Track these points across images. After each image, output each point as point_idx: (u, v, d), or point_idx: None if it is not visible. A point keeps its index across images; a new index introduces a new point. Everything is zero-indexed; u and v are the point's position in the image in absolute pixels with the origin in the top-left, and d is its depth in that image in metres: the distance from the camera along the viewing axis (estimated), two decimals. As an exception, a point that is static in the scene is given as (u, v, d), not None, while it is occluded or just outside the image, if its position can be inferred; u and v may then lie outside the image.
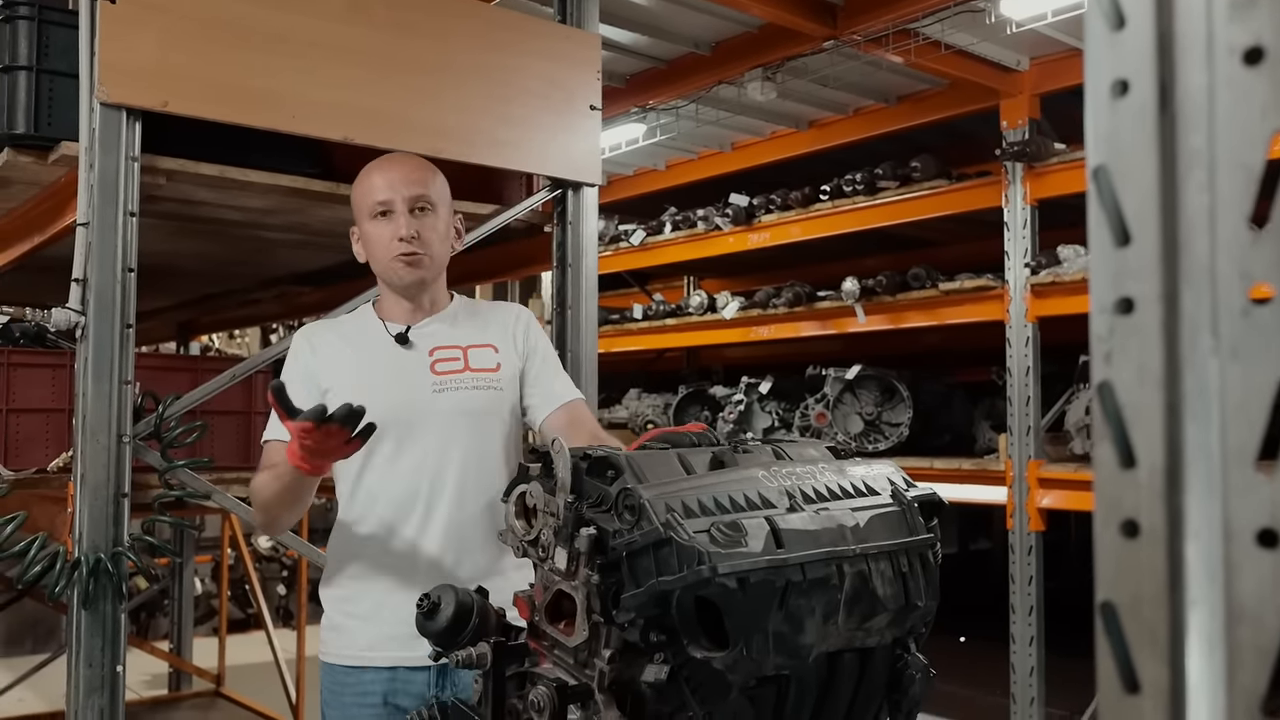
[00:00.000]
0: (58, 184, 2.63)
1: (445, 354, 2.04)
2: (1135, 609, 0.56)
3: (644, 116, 5.16)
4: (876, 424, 5.16)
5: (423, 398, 1.99)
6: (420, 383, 2.00)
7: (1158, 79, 0.58)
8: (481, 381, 2.03)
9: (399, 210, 2.00)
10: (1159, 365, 0.57)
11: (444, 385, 2.01)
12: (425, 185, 2.04)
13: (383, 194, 2.01)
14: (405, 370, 2.01)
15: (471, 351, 2.06)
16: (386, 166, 2.06)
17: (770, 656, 1.24)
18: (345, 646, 1.98)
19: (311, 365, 2.01)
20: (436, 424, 1.98)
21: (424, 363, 2.02)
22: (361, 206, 2.05)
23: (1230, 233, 0.55)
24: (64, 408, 3.10)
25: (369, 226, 2.03)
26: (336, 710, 1.98)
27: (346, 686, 1.96)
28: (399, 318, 2.07)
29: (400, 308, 2.08)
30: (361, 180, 2.07)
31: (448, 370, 2.02)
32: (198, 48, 2.45)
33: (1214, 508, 0.55)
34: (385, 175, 2.03)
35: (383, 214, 2.01)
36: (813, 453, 1.54)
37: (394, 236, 2.00)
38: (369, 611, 1.97)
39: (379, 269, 2.06)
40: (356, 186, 2.08)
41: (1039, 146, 4.42)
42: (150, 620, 7.32)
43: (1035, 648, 4.46)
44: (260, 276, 4.27)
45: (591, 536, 1.30)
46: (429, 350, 2.04)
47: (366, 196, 2.03)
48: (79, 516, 2.34)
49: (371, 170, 2.07)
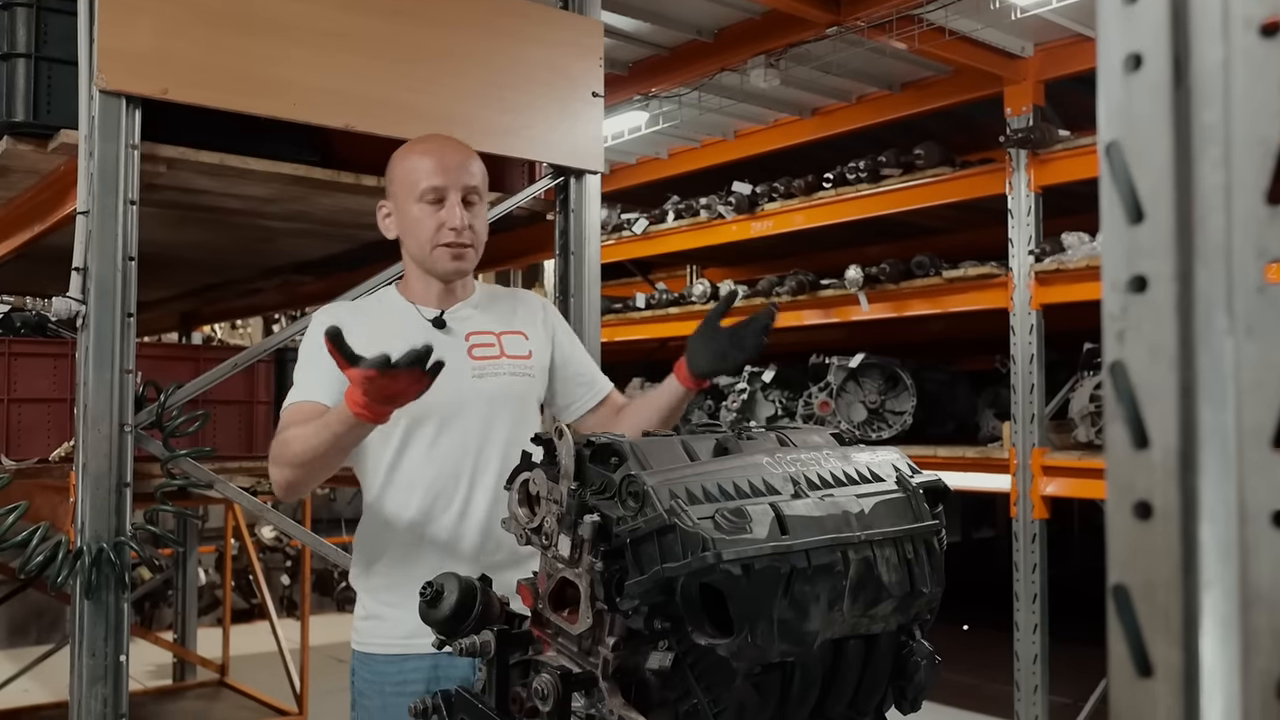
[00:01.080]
0: (57, 172, 2.62)
1: (481, 339, 2.02)
2: (1148, 592, 0.55)
3: (646, 104, 5.14)
4: (880, 412, 5.15)
5: (464, 383, 1.95)
6: (460, 368, 1.94)
7: (1172, 52, 0.56)
8: (518, 368, 2.03)
9: (452, 200, 1.94)
10: (1173, 344, 0.56)
11: (483, 371, 1.99)
12: (476, 175, 2.00)
13: (436, 179, 1.94)
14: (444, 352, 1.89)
15: (505, 338, 2.04)
16: (439, 150, 2.00)
17: (775, 643, 1.23)
18: (385, 635, 1.94)
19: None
20: (477, 409, 1.96)
21: (462, 347, 1.98)
22: (407, 186, 1.97)
23: (1246, 209, 0.54)
24: (65, 397, 3.10)
25: (414, 208, 1.97)
26: (375, 700, 1.93)
27: (386, 676, 1.92)
28: (429, 302, 2.03)
29: (431, 292, 2.03)
30: (407, 158, 2.00)
31: (485, 356, 2.00)
32: (197, 34, 2.44)
33: (1229, 489, 0.54)
34: (439, 160, 1.97)
35: (434, 200, 1.95)
36: (817, 439, 1.53)
37: (444, 225, 1.94)
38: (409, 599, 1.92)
39: (417, 253, 2.00)
40: (400, 163, 2.01)
41: (1043, 133, 4.40)
42: (154, 610, 7.34)
43: (1039, 635, 4.46)
44: (262, 266, 4.26)
45: (595, 523, 1.30)
46: (465, 334, 2.01)
47: (416, 178, 1.96)
48: (81, 506, 2.34)
49: (421, 151, 2.00)
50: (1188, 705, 0.54)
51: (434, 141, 2.04)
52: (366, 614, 2.00)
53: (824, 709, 1.39)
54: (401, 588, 1.92)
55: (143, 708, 4.70)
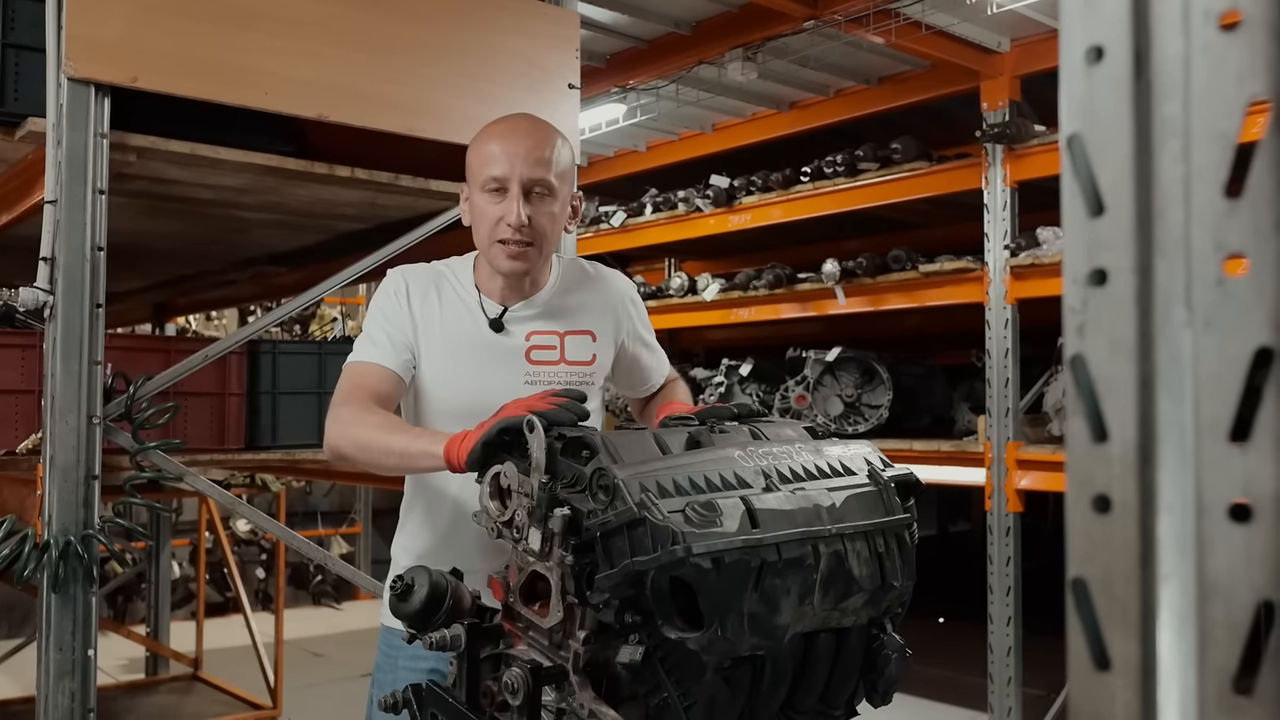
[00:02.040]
0: (25, 161, 2.59)
1: (541, 340, 1.92)
2: (1106, 585, 0.56)
3: (624, 97, 5.13)
4: (856, 406, 5.17)
5: (514, 388, 1.82)
6: (513, 371, 1.88)
7: (1133, 45, 0.56)
8: (575, 376, 1.93)
9: (514, 192, 1.81)
10: (1132, 338, 0.56)
11: (536, 377, 1.90)
12: (547, 167, 1.83)
13: (499, 168, 1.81)
14: (499, 358, 1.89)
15: (569, 339, 1.94)
16: (509, 136, 1.85)
17: (745, 637, 1.24)
18: None
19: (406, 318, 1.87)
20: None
21: (519, 349, 1.90)
22: (475, 172, 1.86)
23: (1205, 202, 0.54)
24: (33, 389, 3.06)
25: (478, 197, 1.85)
26: (388, 674, 1.92)
27: (401, 651, 1.89)
28: (495, 293, 1.92)
29: (496, 284, 1.92)
30: (480, 143, 1.88)
31: (542, 360, 1.91)
32: (168, 22, 2.41)
33: (1186, 482, 0.54)
34: (506, 146, 1.82)
35: (495, 190, 1.83)
36: (789, 433, 1.54)
37: (501, 218, 1.82)
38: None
39: (480, 244, 1.89)
40: (473, 146, 1.89)
41: (1019, 128, 4.42)
42: (128, 604, 7.28)
43: (1013, 628, 4.49)
44: (235, 257, 4.22)
45: (565, 517, 1.29)
46: (525, 335, 1.91)
47: (482, 165, 1.84)
48: (48, 499, 2.31)
49: (493, 135, 1.86)
50: (1145, 698, 0.55)
51: (506, 124, 1.89)
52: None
53: (794, 702, 1.39)
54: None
55: (114, 701, 4.67)
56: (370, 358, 1.85)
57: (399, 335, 1.85)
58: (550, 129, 1.89)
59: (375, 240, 3.03)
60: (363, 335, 1.90)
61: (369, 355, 1.85)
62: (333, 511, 8.73)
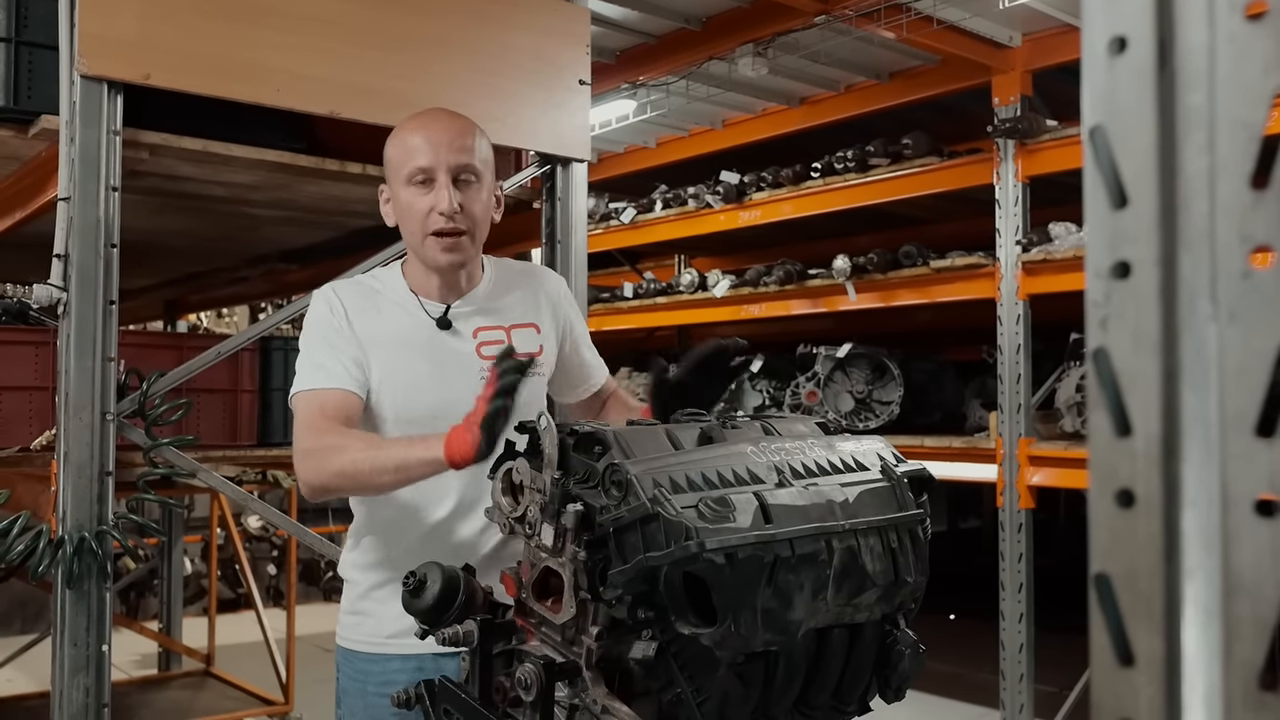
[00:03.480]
0: (38, 158, 2.60)
1: (489, 336, 1.88)
2: (1130, 580, 0.55)
3: (634, 93, 5.13)
4: (867, 402, 5.16)
5: (472, 387, 1.71)
6: (468, 370, 1.83)
7: (1157, 35, 0.56)
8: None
9: (441, 181, 1.79)
10: (1156, 331, 0.55)
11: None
12: (471, 152, 1.82)
13: (424, 158, 1.79)
14: (452, 356, 1.85)
15: (515, 333, 1.90)
16: (429, 126, 1.83)
17: (758, 633, 1.23)
18: (369, 633, 1.86)
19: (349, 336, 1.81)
20: None
21: (469, 347, 1.87)
22: (397, 168, 1.83)
23: (1230, 194, 0.54)
24: (48, 385, 3.07)
25: (404, 193, 1.82)
26: (358, 699, 1.85)
27: (370, 675, 1.84)
28: (432, 293, 1.89)
29: (432, 283, 1.88)
30: (398, 138, 1.85)
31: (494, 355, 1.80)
32: (180, 19, 2.41)
33: (1211, 476, 0.53)
34: (428, 137, 1.81)
35: (421, 182, 1.80)
36: (802, 428, 1.53)
37: (432, 208, 1.79)
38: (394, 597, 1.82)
39: (411, 243, 1.86)
40: (392, 143, 1.86)
41: (1031, 123, 4.40)
42: (140, 600, 7.31)
43: (1025, 624, 4.48)
44: (247, 254, 4.23)
45: (578, 513, 1.29)
46: (472, 332, 1.88)
47: (404, 158, 1.81)
48: (62, 495, 2.32)
49: (412, 128, 1.84)
50: (1169, 694, 0.54)
51: (424, 117, 1.88)
52: (351, 608, 1.90)
53: (808, 698, 1.39)
54: (389, 585, 1.83)
55: (128, 697, 4.68)
56: (323, 384, 1.77)
57: (346, 355, 1.77)
58: (468, 119, 1.88)
59: (386, 237, 3.02)
60: (304, 363, 1.81)
61: (321, 382, 1.78)
62: (343, 508, 8.71)
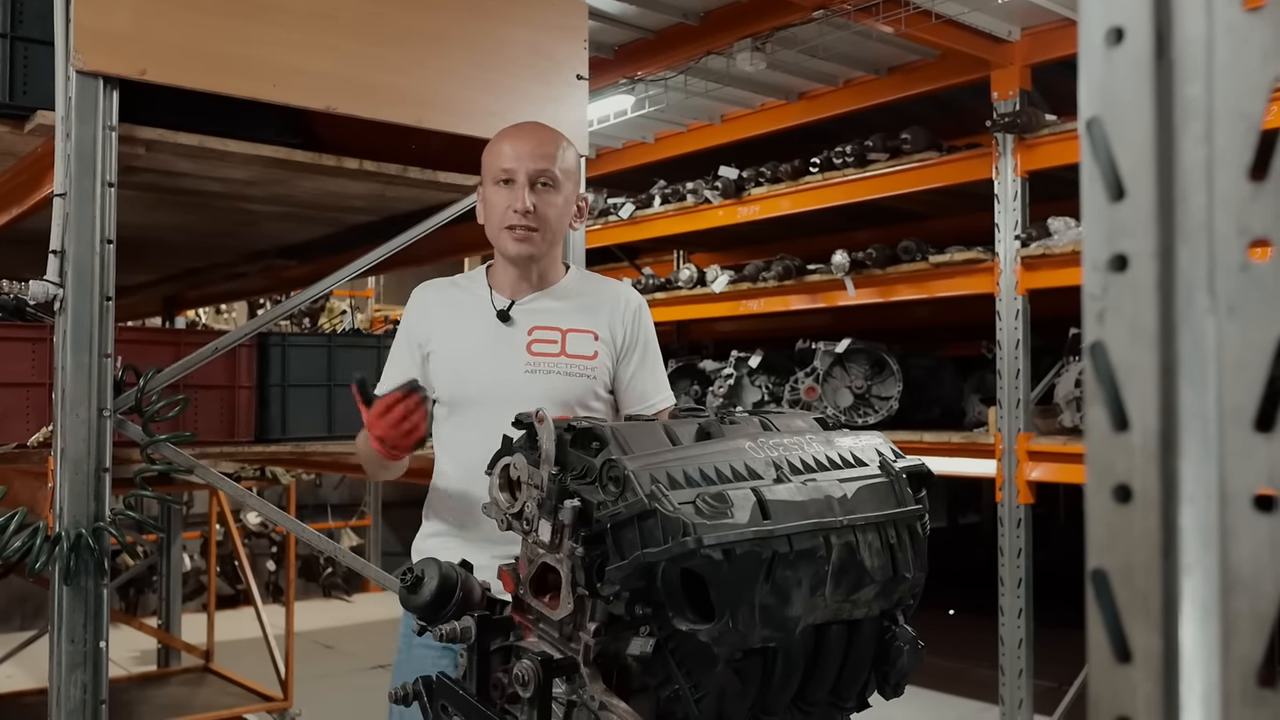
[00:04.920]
0: (34, 154, 2.59)
1: (543, 334, 2.05)
2: (1127, 576, 0.55)
3: (632, 88, 5.12)
4: (866, 397, 5.16)
5: (515, 377, 2.00)
6: (514, 361, 2.02)
7: (1154, 25, 0.55)
8: (574, 368, 2.03)
9: (520, 181, 2.00)
10: (1153, 324, 0.55)
11: (536, 367, 2.01)
12: (551, 160, 2.03)
13: (508, 162, 2.01)
14: (500, 347, 2.03)
15: (570, 335, 2.05)
16: (518, 135, 2.07)
17: (757, 629, 1.23)
18: None
19: (419, 328, 2.10)
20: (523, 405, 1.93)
21: (521, 341, 2.03)
22: (488, 170, 2.07)
23: (1228, 186, 0.53)
24: (44, 381, 3.06)
25: (490, 192, 2.05)
26: (405, 651, 2.05)
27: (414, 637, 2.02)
28: (506, 289, 2.09)
29: (508, 277, 2.09)
30: (493, 145, 2.08)
31: (543, 352, 2.03)
32: (176, 14, 2.40)
33: (1209, 471, 0.53)
34: (515, 144, 2.04)
35: (505, 182, 2.02)
36: (800, 424, 1.52)
37: (509, 206, 2.00)
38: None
39: (491, 235, 2.07)
40: (487, 151, 2.09)
41: (1030, 118, 4.39)
42: (139, 596, 7.31)
43: (1024, 620, 4.48)
44: (244, 250, 4.22)
45: (576, 508, 1.29)
46: (528, 329, 2.05)
47: (494, 161, 2.05)
48: (59, 491, 2.31)
49: (503, 136, 2.08)
50: (1167, 691, 0.54)
51: (518, 127, 2.11)
52: None
53: (806, 694, 1.38)
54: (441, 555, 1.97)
55: (126, 693, 4.68)
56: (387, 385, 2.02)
57: (406, 361, 2.07)
58: (556, 133, 2.11)
59: (384, 232, 3.02)
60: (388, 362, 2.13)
61: (388, 383, 2.05)
62: (343, 504, 8.74)
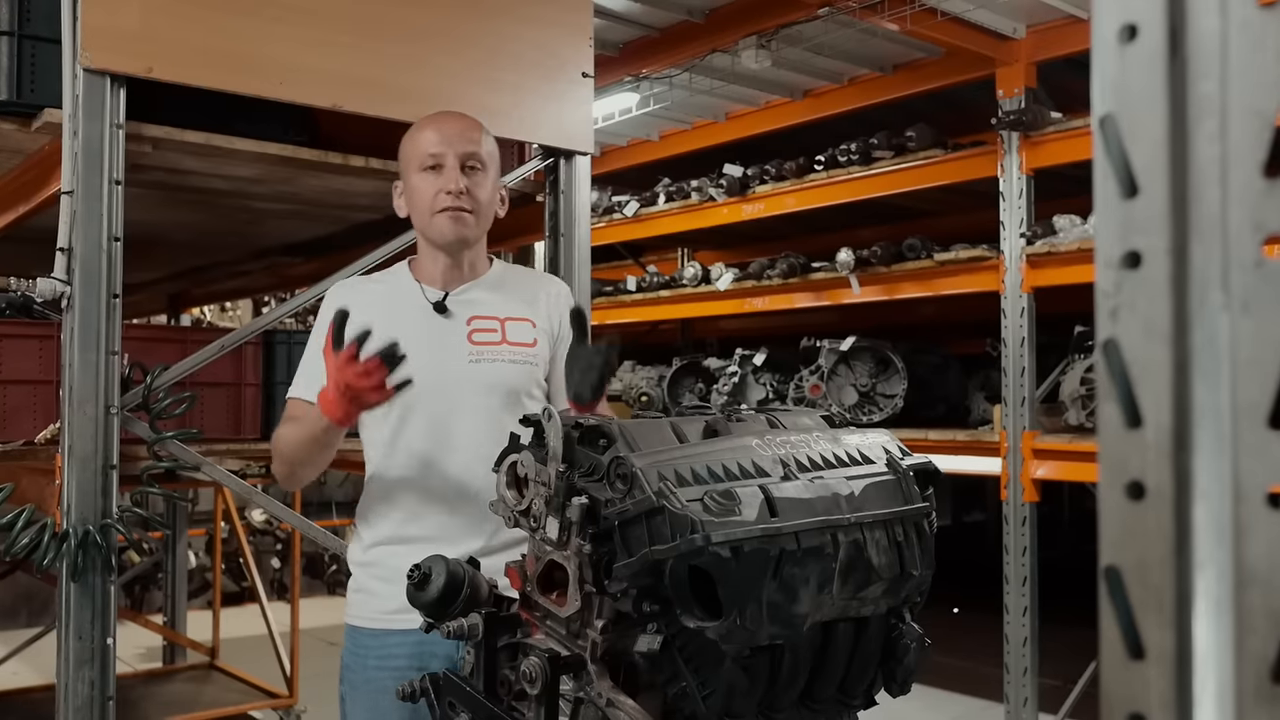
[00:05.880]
0: (41, 152, 2.59)
1: (483, 324, 2.02)
2: (1141, 573, 0.55)
3: (637, 86, 5.11)
4: (871, 395, 5.15)
5: (459, 367, 1.97)
6: (456, 352, 1.97)
7: (1168, 22, 0.55)
8: (518, 355, 2.01)
9: (450, 164, 1.97)
10: (1167, 321, 0.54)
11: (480, 356, 1.99)
12: (478, 144, 2.01)
13: (435, 146, 1.98)
14: (441, 338, 1.98)
15: (509, 324, 2.03)
16: (441, 121, 2.04)
17: (764, 626, 1.23)
18: (373, 610, 1.97)
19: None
20: (471, 394, 1.96)
21: (461, 331, 2.00)
22: (410, 159, 2.02)
23: (1242, 182, 0.53)
24: (52, 379, 3.07)
25: (416, 179, 2.01)
26: (358, 674, 1.96)
27: (370, 650, 1.95)
28: (436, 280, 2.04)
29: (438, 268, 2.04)
30: (412, 134, 2.05)
31: (485, 341, 2.00)
32: (183, 12, 2.41)
33: (1223, 468, 0.53)
34: (439, 129, 2.01)
35: (432, 167, 1.98)
36: (807, 421, 1.53)
37: (441, 189, 1.97)
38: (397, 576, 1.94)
39: (420, 224, 2.03)
40: (406, 140, 2.05)
41: (1035, 115, 4.39)
42: (145, 593, 7.32)
43: (1029, 618, 4.47)
44: (250, 247, 4.23)
45: (583, 506, 1.29)
46: (466, 319, 2.01)
47: (417, 148, 2.01)
48: (67, 488, 2.32)
49: (424, 124, 2.05)
50: (1180, 688, 0.54)
51: (438, 114, 2.08)
52: (357, 587, 2.02)
53: (813, 692, 1.39)
54: (388, 564, 1.95)
55: (132, 690, 4.69)
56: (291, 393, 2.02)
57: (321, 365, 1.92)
58: (476, 120, 2.08)
59: (389, 230, 3.02)
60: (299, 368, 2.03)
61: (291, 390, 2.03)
62: (348, 501, 8.75)
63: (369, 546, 2.00)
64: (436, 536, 1.91)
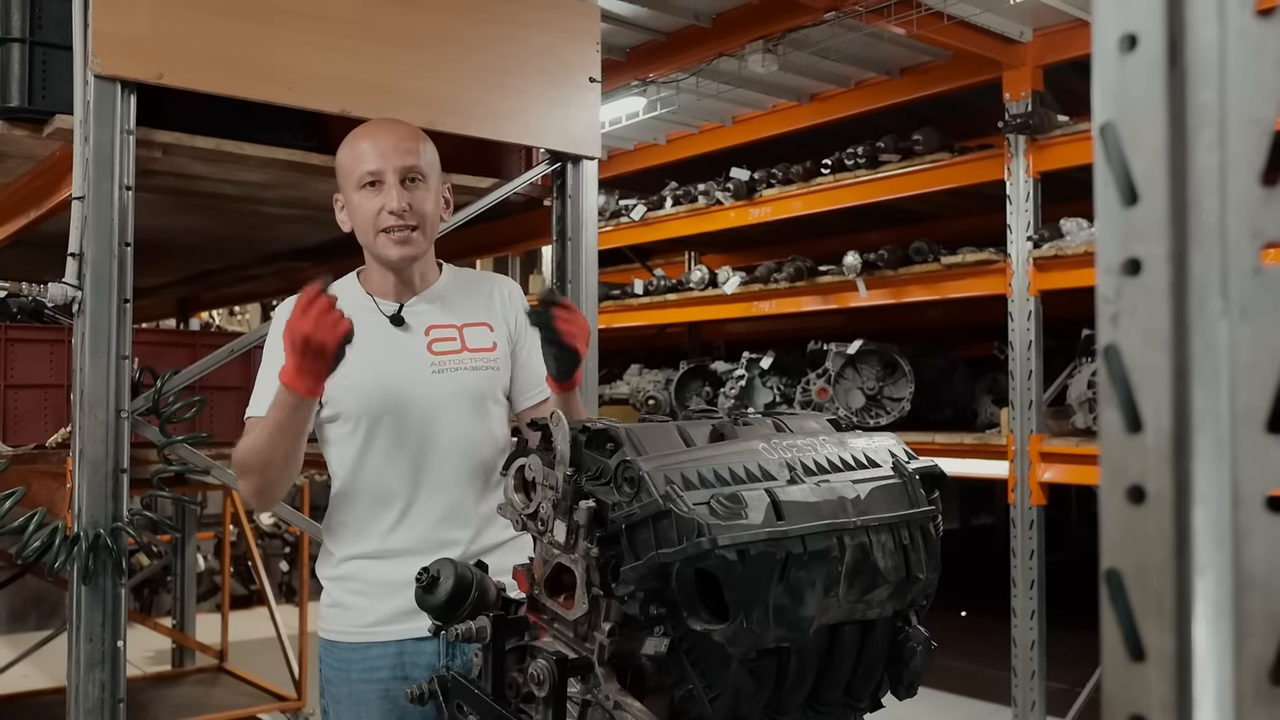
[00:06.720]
0: (53, 158, 2.61)
1: (441, 333, 1.98)
2: (1141, 576, 0.55)
3: (644, 90, 5.13)
4: (878, 399, 5.15)
5: (423, 378, 1.93)
6: (419, 362, 1.94)
7: (1167, 32, 0.56)
8: (480, 361, 1.98)
9: (390, 181, 1.90)
10: (1167, 327, 0.55)
11: (443, 366, 1.95)
12: (417, 155, 1.94)
13: (372, 163, 1.90)
14: (403, 351, 1.95)
15: (467, 331, 2.00)
16: (376, 133, 1.96)
17: (770, 629, 1.23)
18: (350, 624, 1.94)
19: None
20: (437, 405, 1.93)
21: (420, 343, 1.96)
22: (348, 174, 1.94)
23: (1241, 191, 0.54)
24: (63, 383, 3.09)
25: (356, 197, 1.93)
26: (341, 688, 1.94)
27: (352, 664, 1.93)
28: (388, 294, 1.99)
29: (388, 283, 1.99)
30: (348, 146, 1.97)
31: (445, 350, 1.97)
32: (193, 18, 2.42)
33: (1222, 472, 0.54)
34: (375, 143, 1.93)
35: (371, 184, 1.91)
36: (813, 425, 1.53)
37: (383, 208, 1.90)
38: (372, 589, 1.94)
39: (364, 241, 1.97)
40: (342, 152, 1.97)
41: (1042, 119, 4.39)
42: (154, 596, 7.34)
43: (1036, 621, 4.47)
44: (259, 252, 4.25)
45: (590, 509, 1.30)
46: (424, 329, 1.97)
47: (354, 164, 1.93)
48: (78, 492, 2.33)
49: (359, 136, 1.96)
50: (1180, 690, 0.54)
51: (371, 125, 2.01)
52: (332, 602, 1.98)
53: (819, 695, 1.39)
54: (362, 578, 1.94)
55: (141, 693, 4.70)
56: (249, 413, 1.93)
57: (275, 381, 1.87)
58: (413, 126, 2.01)
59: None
60: (256, 385, 1.94)
61: (249, 409, 1.93)
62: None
63: (340, 561, 1.97)
64: (410, 549, 1.89)
